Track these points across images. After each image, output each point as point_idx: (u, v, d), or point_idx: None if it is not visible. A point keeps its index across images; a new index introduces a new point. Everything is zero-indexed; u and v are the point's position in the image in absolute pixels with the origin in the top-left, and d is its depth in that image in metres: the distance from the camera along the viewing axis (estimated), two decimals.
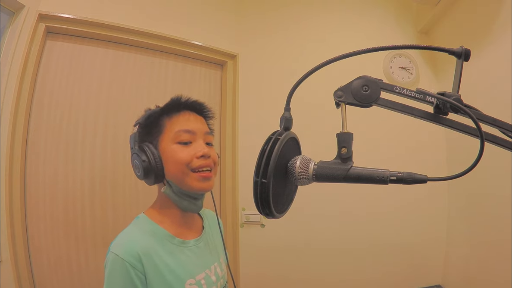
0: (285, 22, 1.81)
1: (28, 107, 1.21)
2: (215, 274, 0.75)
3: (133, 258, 0.61)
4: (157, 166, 0.68)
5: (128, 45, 1.48)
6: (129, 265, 0.60)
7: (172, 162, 0.69)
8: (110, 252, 0.63)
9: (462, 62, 0.46)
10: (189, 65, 1.66)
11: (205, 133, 0.74)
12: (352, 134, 0.45)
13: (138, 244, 0.64)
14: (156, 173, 0.68)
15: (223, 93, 1.74)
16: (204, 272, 0.72)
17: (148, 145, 0.70)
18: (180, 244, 0.71)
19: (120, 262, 0.60)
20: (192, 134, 0.71)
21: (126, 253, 0.61)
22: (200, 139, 0.72)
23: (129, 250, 0.62)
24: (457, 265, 1.66)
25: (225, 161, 1.66)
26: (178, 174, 0.69)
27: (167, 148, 0.69)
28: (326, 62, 0.45)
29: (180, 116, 0.73)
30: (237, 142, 1.67)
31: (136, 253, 0.62)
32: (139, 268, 0.61)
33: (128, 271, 0.60)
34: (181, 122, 0.72)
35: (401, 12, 1.93)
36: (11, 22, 1.19)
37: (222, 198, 1.67)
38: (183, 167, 0.68)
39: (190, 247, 0.73)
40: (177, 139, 0.70)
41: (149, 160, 0.67)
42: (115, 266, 0.61)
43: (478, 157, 0.41)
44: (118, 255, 0.61)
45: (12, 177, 1.13)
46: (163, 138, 0.71)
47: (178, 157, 0.68)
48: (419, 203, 1.73)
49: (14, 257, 1.09)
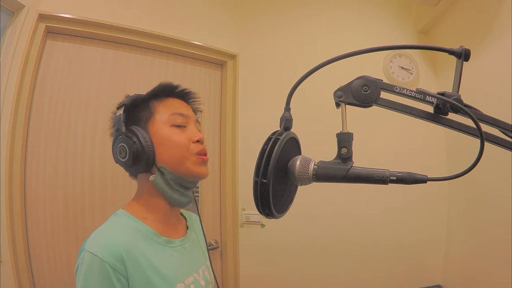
0: (285, 22, 1.81)
1: (28, 107, 1.21)
2: (203, 279, 0.69)
3: (114, 259, 0.53)
4: (149, 150, 0.62)
5: (128, 45, 1.48)
6: (109, 266, 0.52)
7: (168, 145, 0.64)
8: (85, 251, 0.54)
9: (462, 62, 0.46)
10: (189, 65, 1.66)
11: (195, 119, 0.72)
12: (352, 134, 0.45)
13: (120, 242, 0.55)
14: (147, 158, 0.62)
15: (223, 93, 1.74)
16: (192, 276, 0.66)
17: (137, 128, 0.65)
18: (165, 244, 0.64)
19: (98, 263, 0.52)
20: (185, 118, 0.69)
21: (106, 253, 0.53)
22: (192, 124, 0.70)
23: (110, 249, 0.54)
24: (457, 265, 1.66)
25: (225, 161, 1.66)
26: (178, 157, 0.64)
27: (161, 131, 0.65)
28: (326, 62, 0.45)
29: (171, 100, 0.70)
30: (237, 142, 1.67)
31: (118, 253, 0.53)
32: (121, 271, 0.53)
33: (108, 274, 0.52)
34: (174, 105, 0.69)
35: (401, 12, 1.93)
36: (11, 22, 1.19)
37: (222, 198, 1.67)
38: (184, 151, 0.65)
39: (176, 247, 0.66)
40: (172, 122, 0.66)
41: (140, 143, 0.62)
42: (93, 267, 0.52)
43: (478, 157, 0.41)
44: (96, 255, 0.52)
45: (12, 177, 1.13)
46: (154, 121, 0.66)
47: (177, 139, 0.65)
48: (419, 203, 1.73)
49: (14, 257, 1.09)
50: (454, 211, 1.72)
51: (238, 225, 1.63)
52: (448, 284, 1.70)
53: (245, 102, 1.70)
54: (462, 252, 1.63)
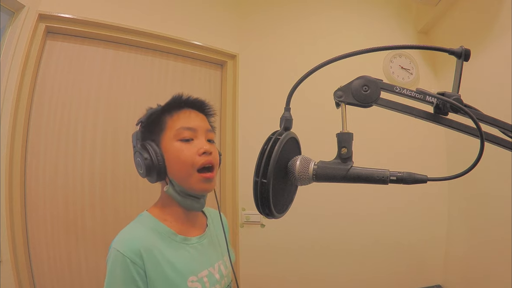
0: (285, 22, 1.81)
1: (28, 107, 1.21)
2: (218, 272, 0.74)
3: (133, 254, 0.61)
4: (159, 164, 0.68)
5: (128, 45, 1.48)
6: (129, 261, 0.61)
7: (176, 162, 0.69)
8: (112, 248, 0.63)
9: (462, 62, 0.46)
10: (189, 65, 1.66)
11: (206, 130, 0.74)
12: (352, 134, 0.44)
13: (139, 240, 0.64)
14: (158, 171, 0.68)
15: (223, 93, 1.74)
16: (207, 269, 0.72)
17: (150, 143, 0.70)
18: (182, 241, 0.71)
19: (121, 257, 0.61)
20: (193, 131, 0.71)
21: (127, 249, 0.61)
22: (202, 136, 0.72)
23: (130, 246, 0.62)
24: (457, 265, 1.66)
25: (225, 161, 1.66)
26: (182, 174, 0.69)
27: (170, 146, 0.70)
28: (326, 62, 0.45)
29: (181, 113, 0.73)
30: (237, 142, 1.67)
31: (137, 249, 0.62)
32: (139, 264, 0.61)
33: (129, 267, 0.61)
34: (182, 119, 0.72)
35: (401, 12, 1.93)
36: (11, 22, 1.19)
37: (222, 198, 1.67)
38: (189, 168, 0.68)
39: (193, 244, 0.73)
40: (179, 136, 0.70)
41: (151, 158, 0.68)
42: (116, 261, 0.61)
43: (478, 157, 0.41)
44: (119, 251, 0.61)
45: (12, 177, 1.13)
46: (165, 136, 0.71)
47: (182, 156, 0.68)
48: (419, 203, 1.73)
49: (14, 257, 1.09)
50: (454, 211, 1.72)
51: (238, 225, 1.63)
52: (448, 284, 1.70)
53: (245, 102, 1.70)
54: (462, 252, 1.63)
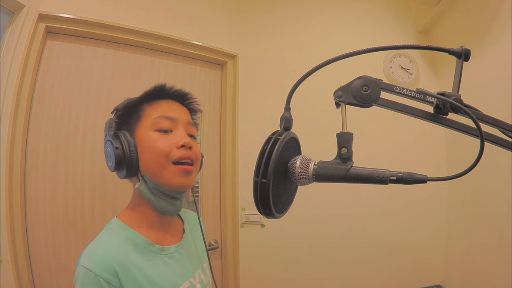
0: (285, 22, 1.81)
1: (28, 107, 1.21)
2: (200, 282, 0.68)
3: (107, 273, 0.53)
4: (131, 155, 0.60)
5: (128, 45, 1.48)
6: (103, 280, 0.52)
7: (148, 152, 0.61)
8: (80, 265, 0.54)
9: (462, 62, 0.46)
10: (189, 65, 1.66)
11: (187, 122, 0.67)
12: (352, 134, 0.45)
13: (112, 255, 0.55)
14: (129, 163, 0.60)
15: (223, 93, 1.74)
16: (188, 281, 0.65)
17: (124, 132, 0.62)
18: (159, 252, 0.63)
19: (92, 277, 0.52)
20: (173, 121, 0.64)
21: (98, 267, 0.53)
22: (182, 128, 0.65)
23: (102, 262, 0.54)
24: (457, 265, 1.66)
25: (225, 161, 1.66)
26: (155, 166, 0.61)
27: (144, 135, 0.62)
28: (326, 62, 0.45)
29: (162, 102, 0.67)
30: (237, 142, 1.67)
31: (110, 266, 0.53)
32: (115, 285, 0.53)
33: (102, 287, 0.52)
34: (162, 108, 0.65)
35: (401, 12, 1.93)
36: (11, 22, 1.19)
37: (222, 198, 1.67)
38: (161, 158, 0.60)
39: (171, 254, 0.65)
40: (156, 126, 0.63)
41: (123, 148, 0.60)
42: (87, 281, 0.52)
43: (478, 157, 0.41)
44: (89, 269, 0.52)
45: (12, 177, 1.13)
46: (141, 125, 0.63)
47: (156, 145, 0.61)
48: (419, 203, 1.73)
49: (14, 257, 1.09)
50: (454, 211, 1.72)
51: (238, 225, 1.63)
52: (448, 284, 1.70)
53: (245, 102, 1.70)
54: (462, 252, 1.62)
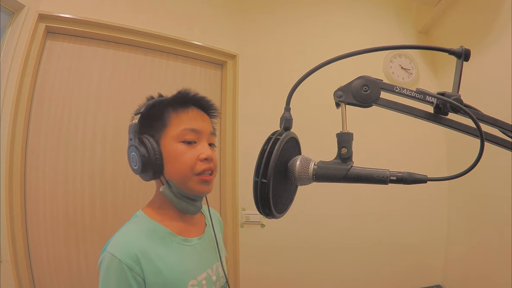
0: (285, 22, 1.81)
1: (28, 107, 1.21)
2: (216, 274, 0.73)
3: (130, 260, 0.58)
4: (157, 162, 0.64)
5: (128, 45, 1.48)
6: (126, 266, 0.57)
7: (175, 164, 0.66)
8: (106, 251, 0.60)
9: (462, 62, 0.46)
10: (189, 65, 1.66)
11: (210, 133, 0.72)
12: (352, 134, 0.44)
13: (136, 244, 0.61)
14: (155, 169, 0.65)
15: (223, 93, 1.74)
16: (205, 272, 0.69)
17: (149, 138, 0.66)
18: (182, 242, 0.68)
19: (116, 262, 0.57)
20: (197, 133, 0.68)
21: (123, 254, 0.58)
22: (205, 140, 0.69)
23: (127, 250, 0.59)
24: (457, 265, 1.66)
25: (225, 161, 1.66)
26: (180, 175, 0.66)
27: (170, 146, 0.66)
28: (326, 62, 0.45)
29: (189, 111, 0.70)
30: (237, 142, 1.67)
31: (134, 254, 0.58)
32: (137, 271, 0.58)
33: (125, 273, 0.57)
34: (188, 119, 0.69)
35: (401, 12, 1.93)
36: (11, 22, 1.19)
37: (222, 198, 1.67)
38: (187, 170, 0.65)
39: (193, 245, 0.70)
40: (182, 138, 0.66)
41: (149, 155, 0.64)
42: (111, 266, 0.58)
43: (478, 157, 0.41)
44: (114, 255, 0.58)
45: (12, 177, 1.13)
46: (167, 134, 0.67)
47: (182, 159, 0.65)
48: (419, 203, 1.73)
49: (14, 257, 1.09)
50: (454, 211, 1.72)
51: (238, 225, 1.63)
52: (448, 284, 1.70)
53: (245, 102, 1.70)
54: (462, 252, 1.62)
